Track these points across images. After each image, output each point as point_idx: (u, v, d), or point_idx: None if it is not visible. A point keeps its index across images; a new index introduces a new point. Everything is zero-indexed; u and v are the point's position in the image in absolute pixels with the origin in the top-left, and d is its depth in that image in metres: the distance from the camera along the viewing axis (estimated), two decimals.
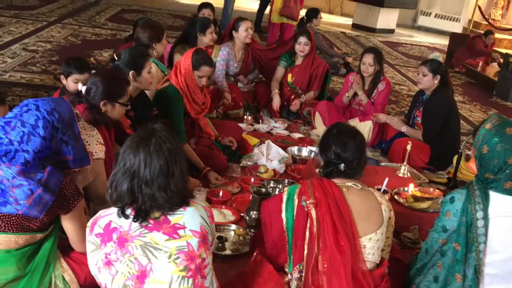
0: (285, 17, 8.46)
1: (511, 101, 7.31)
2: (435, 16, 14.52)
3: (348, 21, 13.74)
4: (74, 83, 3.16)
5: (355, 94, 4.73)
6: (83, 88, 2.52)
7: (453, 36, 9.75)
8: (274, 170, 3.74)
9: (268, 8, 8.95)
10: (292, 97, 5.07)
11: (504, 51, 9.84)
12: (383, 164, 4.10)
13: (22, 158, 1.91)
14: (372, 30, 12.57)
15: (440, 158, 4.21)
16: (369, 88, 4.71)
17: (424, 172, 4.15)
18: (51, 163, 2.00)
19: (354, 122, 4.65)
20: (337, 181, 2.18)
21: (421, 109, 4.28)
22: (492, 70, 8.77)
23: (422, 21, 14.71)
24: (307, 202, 2.09)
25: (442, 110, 4.13)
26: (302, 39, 4.96)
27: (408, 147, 3.69)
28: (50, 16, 8.81)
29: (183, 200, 1.79)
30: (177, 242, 1.73)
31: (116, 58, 3.05)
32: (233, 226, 2.93)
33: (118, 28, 8.71)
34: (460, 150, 3.88)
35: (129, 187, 1.72)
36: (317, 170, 2.35)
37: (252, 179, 3.57)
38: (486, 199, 2.10)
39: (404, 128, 4.37)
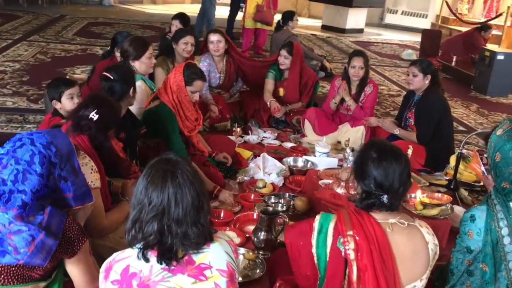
0: (259, 22, 8.36)
1: (490, 95, 7.36)
2: (402, 13, 14.65)
3: (317, 22, 13.73)
4: (69, 99, 2.96)
5: (343, 100, 4.63)
6: (94, 116, 2.33)
7: (425, 33, 9.79)
8: (272, 184, 3.60)
9: (241, 14, 8.82)
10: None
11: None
12: None
13: (19, 200, 1.70)
14: (342, 30, 12.58)
15: (436, 159, 4.14)
16: (356, 92, 4.62)
17: (422, 174, 4.07)
18: (50, 202, 1.80)
19: (346, 128, 4.57)
20: (378, 216, 1.91)
21: (413, 110, 4.20)
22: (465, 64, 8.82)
23: (389, 19, 14.82)
24: (346, 247, 1.82)
25: (435, 110, 4.06)
26: (283, 52, 4.83)
27: (409, 151, 3.61)
28: (14, 34, 8.44)
29: (209, 234, 1.62)
30: (204, 284, 1.56)
31: (111, 77, 2.86)
32: (242, 250, 2.75)
33: (87, 43, 8.41)
34: (459, 151, 3.81)
35: (159, 227, 1.53)
36: (353, 200, 2.11)
37: (252, 196, 3.41)
38: (509, 213, 1.99)
39: (397, 131, 4.29)
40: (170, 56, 4.56)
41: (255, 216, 3.13)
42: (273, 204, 3.29)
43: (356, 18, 12.74)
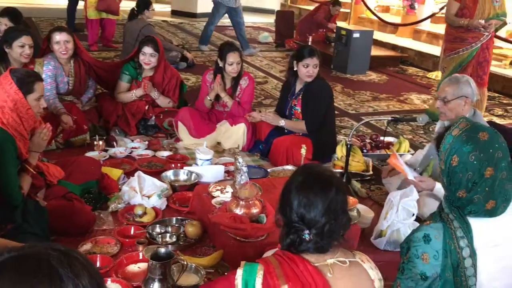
0: (103, 12, 7.50)
1: (350, 73, 7.45)
2: None
3: (166, 7, 13.05)
4: None
5: (218, 96, 4.16)
6: None
7: (278, 14, 9.71)
8: (154, 208, 3.01)
9: (82, 3, 7.83)
10: (146, 107, 4.28)
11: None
12: (269, 170, 3.64)
13: None
14: (193, 15, 12.10)
15: (323, 150, 3.90)
16: (232, 86, 4.19)
17: None
18: None
19: (225, 127, 4.12)
20: (314, 259, 1.55)
21: (299, 98, 3.90)
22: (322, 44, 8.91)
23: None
24: None
25: (325, 96, 3.86)
26: (147, 49, 4.16)
27: (303, 150, 3.27)
28: None
29: None
30: None
31: None
32: None
33: None
34: (348, 141, 3.58)
35: None
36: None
37: (133, 229, 2.79)
38: (468, 230, 1.68)
39: (282, 122, 3.96)
40: (2, 63, 3.68)
41: (140, 256, 2.54)
42: (160, 235, 2.73)
43: (206, 1, 12.30)
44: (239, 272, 1.55)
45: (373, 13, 9.87)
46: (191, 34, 10.05)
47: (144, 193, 3.10)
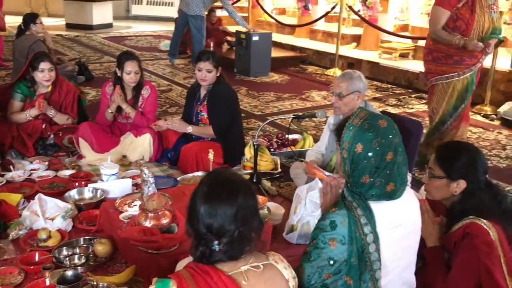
0: None
1: (253, 76, 7.58)
2: (148, 3, 14.47)
3: (59, 21, 12.52)
4: None
5: (119, 108, 4.05)
6: None
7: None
8: (59, 231, 2.86)
9: None
10: (43, 126, 4.06)
11: (231, 28, 10.21)
12: (179, 178, 3.60)
13: None
14: (90, 27, 11.71)
15: (233, 153, 3.94)
16: (133, 96, 4.10)
17: None
18: None
19: (130, 139, 4.02)
20: (227, 268, 1.54)
21: (205, 104, 3.91)
22: (224, 48, 8.99)
23: (136, 10, 14.51)
24: None
25: (229, 99, 3.89)
26: (45, 65, 3.95)
27: (210, 155, 3.26)
28: None
29: None
30: None
31: None
32: None
33: None
34: (254, 142, 3.63)
35: None
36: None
37: (37, 255, 2.63)
38: (371, 216, 1.78)
39: (189, 129, 3.94)
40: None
41: (47, 282, 2.41)
42: (67, 258, 2.60)
43: (102, 12, 12.00)
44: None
45: (270, 16, 10.13)
46: (88, 46, 9.70)
47: (47, 216, 2.93)
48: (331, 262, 1.76)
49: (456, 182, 2.12)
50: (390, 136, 1.78)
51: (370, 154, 1.75)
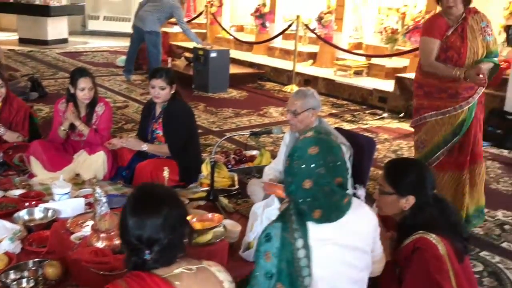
0: None
1: (212, 92, 7.58)
2: (104, 19, 14.32)
3: (12, 36, 12.22)
4: None
5: (72, 125, 3.97)
6: None
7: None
8: (7, 253, 2.74)
9: None
10: None
11: (184, 44, 10.25)
12: None
13: None
14: (45, 42, 11.47)
15: (189, 171, 3.91)
16: (87, 113, 4.02)
17: (180, 191, 3.76)
18: None
19: (83, 157, 3.93)
20: (161, 272, 1.58)
21: (160, 121, 3.88)
22: (181, 64, 8.97)
23: (92, 25, 14.32)
24: None
25: (185, 116, 3.87)
26: None
27: (165, 173, 3.23)
28: None
29: None
30: None
31: None
32: None
33: None
34: (211, 158, 3.62)
35: None
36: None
37: None
38: (304, 226, 1.81)
39: (144, 147, 3.89)
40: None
41: None
42: (15, 282, 2.50)
43: (57, 28, 11.77)
44: None
45: (228, 33, 10.19)
46: (42, 62, 9.49)
47: None
48: (269, 275, 1.78)
49: (405, 198, 2.18)
50: (312, 165, 1.76)
51: (289, 179, 1.82)
